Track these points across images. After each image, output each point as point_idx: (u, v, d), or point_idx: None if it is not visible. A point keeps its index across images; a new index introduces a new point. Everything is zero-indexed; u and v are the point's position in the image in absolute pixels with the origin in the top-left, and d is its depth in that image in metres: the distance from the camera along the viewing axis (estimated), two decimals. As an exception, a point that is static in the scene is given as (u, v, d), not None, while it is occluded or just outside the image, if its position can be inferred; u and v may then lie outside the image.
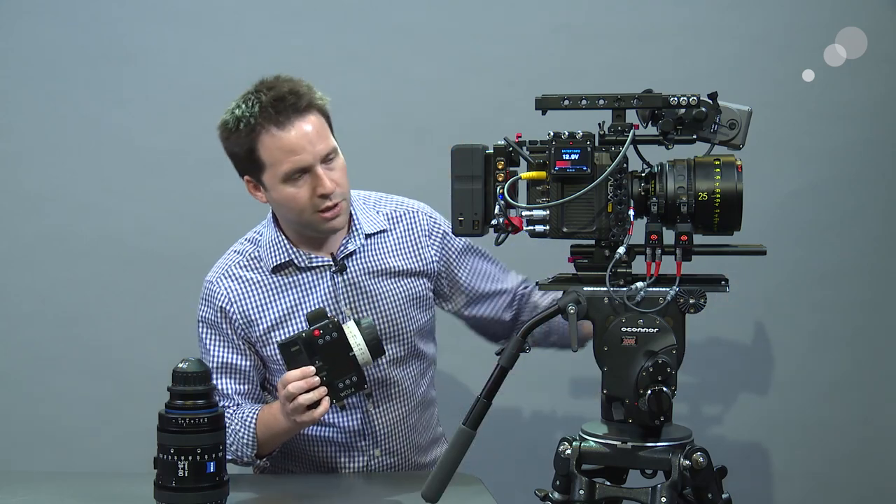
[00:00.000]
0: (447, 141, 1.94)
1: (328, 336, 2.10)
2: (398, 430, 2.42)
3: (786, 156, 3.07)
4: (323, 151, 2.24)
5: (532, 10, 3.10)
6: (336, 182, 2.25)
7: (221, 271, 2.39)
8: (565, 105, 1.85)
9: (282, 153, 2.22)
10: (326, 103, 2.30)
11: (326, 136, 2.26)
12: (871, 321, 3.10)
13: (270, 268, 2.35)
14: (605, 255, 1.85)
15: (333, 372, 2.11)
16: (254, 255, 2.38)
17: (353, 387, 2.12)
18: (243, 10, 3.12)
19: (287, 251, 2.34)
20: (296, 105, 2.23)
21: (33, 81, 3.13)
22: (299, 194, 2.24)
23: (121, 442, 3.09)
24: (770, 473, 3.14)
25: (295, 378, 2.09)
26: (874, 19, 3.04)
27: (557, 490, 1.87)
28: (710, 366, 3.09)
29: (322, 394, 2.10)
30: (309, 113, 2.24)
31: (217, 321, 2.36)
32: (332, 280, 2.35)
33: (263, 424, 2.27)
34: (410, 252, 2.42)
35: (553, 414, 3.14)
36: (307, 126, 2.23)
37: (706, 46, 3.06)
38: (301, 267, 2.34)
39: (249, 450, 2.28)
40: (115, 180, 3.14)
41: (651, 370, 1.76)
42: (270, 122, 2.22)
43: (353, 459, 2.40)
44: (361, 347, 2.12)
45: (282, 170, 2.23)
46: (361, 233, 2.37)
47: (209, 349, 2.37)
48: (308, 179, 2.24)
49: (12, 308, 3.15)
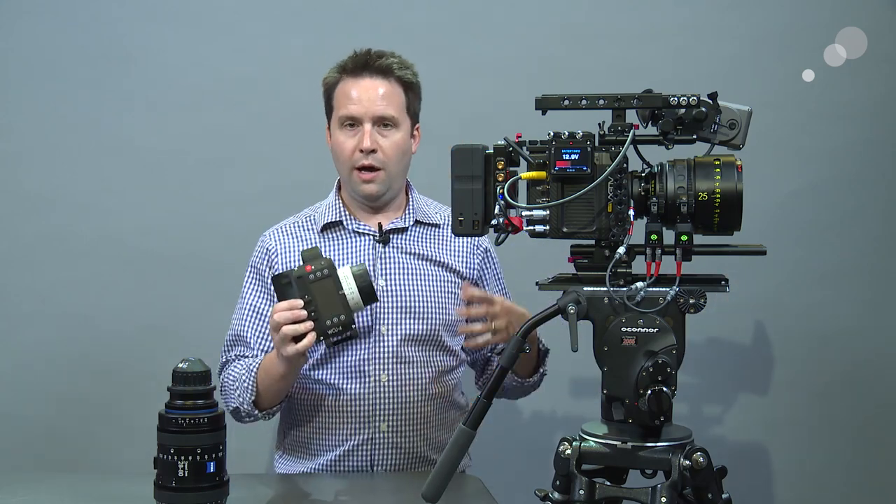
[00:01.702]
0: (447, 141, 1.94)
1: (319, 272, 2.15)
2: (409, 411, 2.41)
3: (786, 156, 3.07)
4: (378, 112, 2.39)
5: (532, 10, 3.10)
6: (380, 147, 2.39)
7: (277, 226, 2.53)
8: (565, 105, 1.85)
9: (344, 98, 2.41)
10: (416, 84, 2.46)
11: (392, 104, 2.41)
12: (871, 321, 3.10)
13: (320, 227, 2.47)
14: (605, 255, 1.85)
15: (322, 308, 2.14)
16: (311, 217, 2.53)
17: (341, 325, 2.15)
18: (243, 10, 3.13)
19: (340, 212, 2.48)
20: (374, 65, 2.40)
21: (33, 81, 3.13)
22: (345, 144, 2.41)
23: (121, 442, 3.09)
24: (770, 473, 3.14)
25: (282, 308, 2.15)
26: (874, 19, 3.04)
27: (557, 490, 1.87)
28: (710, 366, 3.10)
29: (308, 328, 2.15)
30: (384, 77, 2.41)
31: (261, 267, 2.48)
32: (374, 248, 2.43)
33: (264, 369, 2.32)
34: (456, 252, 2.51)
35: (553, 414, 3.14)
36: (374, 85, 2.40)
37: (706, 46, 3.06)
38: (349, 230, 2.46)
39: (249, 395, 2.33)
40: (115, 180, 3.14)
41: (651, 370, 1.76)
42: (347, 72, 2.43)
43: (358, 431, 2.40)
44: (352, 289, 2.15)
45: (339, 114, 2.42)
46: (413, 216, 2.49)
47: (244, 292, 2.49)
48: (357, 134, 2.39)
49: (12, 308, 3.15)
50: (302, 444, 2.46)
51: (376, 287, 2.31)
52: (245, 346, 2.45)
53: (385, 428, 2.40)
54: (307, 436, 2.45)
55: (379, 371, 2.40)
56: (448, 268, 2.49)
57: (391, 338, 2.40)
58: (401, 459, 2.42)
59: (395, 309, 2.41)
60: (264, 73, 3.12)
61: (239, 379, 2.36)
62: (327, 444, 2.42)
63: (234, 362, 2.45)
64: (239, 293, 2.51)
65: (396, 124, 2.41)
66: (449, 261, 2.49)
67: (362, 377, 2.40)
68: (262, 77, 3.12)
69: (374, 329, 2.39)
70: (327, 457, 2.42)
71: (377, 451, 2.41)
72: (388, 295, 2.41)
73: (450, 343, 2.49)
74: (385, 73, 2.41)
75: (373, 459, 2.41)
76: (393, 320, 2.41)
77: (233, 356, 2.47)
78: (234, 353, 2.47)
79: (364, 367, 2.39)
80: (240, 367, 2.40)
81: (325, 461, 2.42)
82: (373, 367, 2.40)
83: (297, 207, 2.60)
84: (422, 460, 2.44)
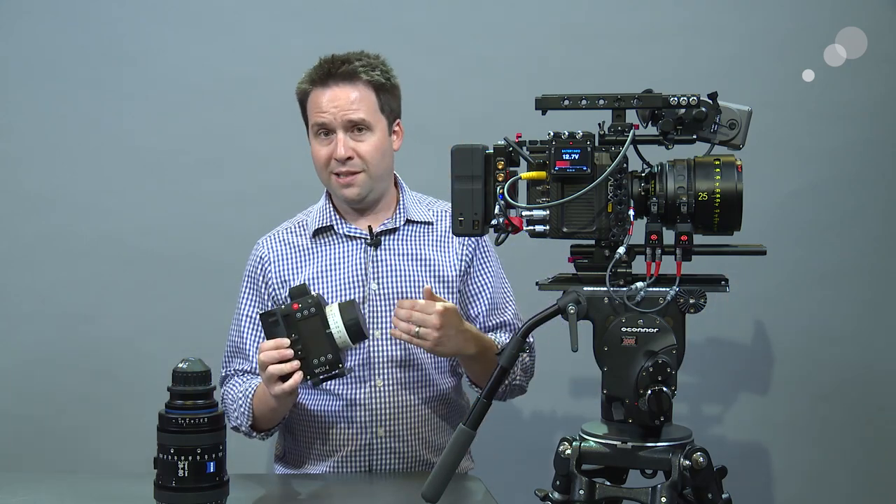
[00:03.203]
0: (447, 141, 1.94)
1: (306, 311, 2.13)
2: (406, 414, 2.41)
3: (786, 156, 3.07)
4: (349, 118, 2.37)
5: (532, 10, 3.10)
6: (356, 152, 2.38)
7: (270, 234, 2.53)
8: (565, 105, 1.85)
9: (314, 108, 2.41)
10: (386, 83, 2.42)
11: (361, 107, 2.38)
12: (871, 321, 3.10)
13: (312, 231, 2.47)
14: (605, 255, 1.85)
15: (309, 347, 2.12)
16: (303, 222, 2.52)
17: (328, 365, 2.12)
18: (243, 10, 3.13)
19: (330, 217, 2.47)
20: (338, 71, 2.39)
21: (33, 81, 3.13)
22: (320, 152, 2.41)
23: (121, 442, 3.09)
24: (770, 473, 3.14)
25: (268, 348, 2.14)
26: (874, 19, 3.04)
27: (557, 490, 1.87)
28: (710, 366, 3.10)
29: (294, 367, 2.12)
30: (351, 82, 2.39)
31: (256, 275, 2.48)
32: (365, 252, 2.43)
33: (258, 398, 2.32)
34: (447, 248, 2.48)
35: (553, 414, 3.14)
36: (341, 91, 2.38)
37: (706, 46, 3.06)
38: (340, 234, 2.46)
39: (246, 419, 2.33)
40: (115, 180, 3.14)
41: (651, 370, 1.76)
42: (315, 82, 2.42)
43: (356, 437, 2.40)
44: (339, 328, 2.13)
45: (311, 123, 2.43)
46: (404, 216, 2.47)
47: (241, 302, 2.50)
48: (332, 142, 2.39)
49: (12, 308, 3.15)
50: (300, 452, 2.46)
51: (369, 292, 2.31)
52: (244, 358, 2.44)
53: (382, 433, 2.40)
54: (305, 443, 2.44)
55: (374, 376, 2.39)
56: (442, 265, 2.45)
57: (385, 342, 2.39)
58: (399, 464, 2.41)
59: (389, 312, 2.39)
60: (264, 73, 3.12)
61: (236, 401, 2.36)
62: (325, 451, 2.42)
63: (234, 378, 2.45)
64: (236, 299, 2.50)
65: (370, 127, 2.39)
66: (442, 258, 2.46)
67: (358, 382, 2.39)
68: (262, 77, 3.12)
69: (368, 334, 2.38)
70: (326, 463, 2.42)
71: (375, 456, 2.40)
72: (382, 298, 2.40)
73: None
74: (351, 77, 2.38)
75: (371, 464, 2.40)
76: (387, 324, 2.39)
77: (232, 370, 2.46)
78: (234, 366, 2.46)
79: (360, 372, 2.38)
80: (238, 387, 2.39)
81: (324, 468, 2.42)
82: (368, 371, 2.39)
83: (296, 207, 2.59)
84: (420, 464, 2.43)
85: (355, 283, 2.40)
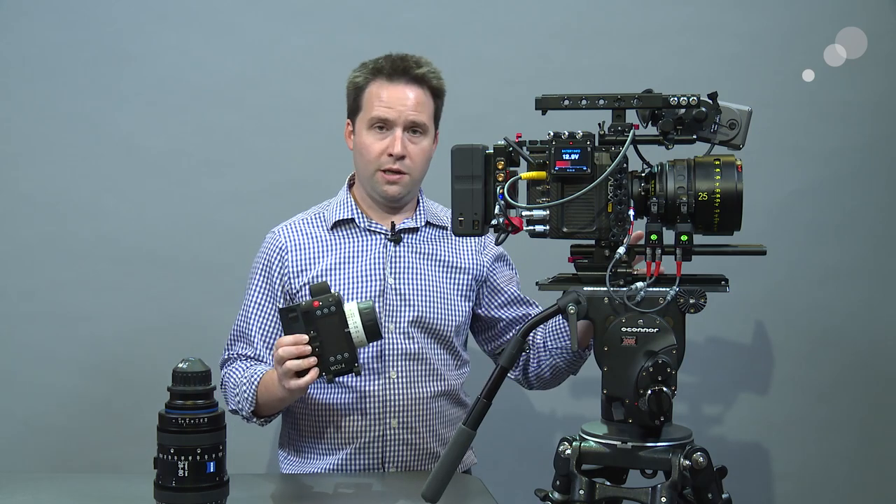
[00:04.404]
0: (447, 141, 1.94)
1: (326, 309, 2.14)
2: (419, 406, 2.43)
3: (786, 156, 3.07)
4: (411, 118, 2.42)
5: (532, 10, 3.10)
6: (409, 153, 2.42)
7: (286, 223, 2.54)
8: (565, 105, 1.85)
9: (377, 100, 2.43)
10: (442, 92, 2.50)
11: (424, 111, 2.44)
12: (871, 321, 3.10)
13: (331, 224, 2.48)
14: (605, 255, 1.85)
15: (327, 345, 2.14)
16: (320, 215, 2.54)
17: (344, 363, 2.14)
18: (243, 10, 3.12)
19: (352, 210, 2.50)
20: (412, 73, 2.44)
21: (33, 81, 3.13)
22: (374, 145, 2.42)
23: (121, 442, 3.09)
24: (770, 473, 3.14)
25: (287, 343, 2.15)
26: (874, 19, 3.04)
27: (557, 490, 1.87)
28: (710, 366, 3.10)
29: (311, 363, 2.14)
30: (419, 85, 2.44)
31: (270, 263, 2.49)
32: (385, 248, 2.45)
33: (265, 386, 2.33)
34: (465, 253, 2.53)
35: (553, 414, 3.14)
36: (410, 92, 2.43)
37: (706, 46, 3.06)
38: (360, 227, 2.48)
39: (248, 405, 2.35)
40: (115, 180, 3.14)
41: (651, 370, 1.76)
42: (383, 75, 2.44)
43: (369, 428, 2.41)
44: (357, 327, 2.14)
45: (370, 115, 2.43)
46: (424, 218, 2.51)
47: (251, 289, 2.50)
48: (387, 137, 2.41)
49: (12, 308, 3.15)
50: (311, 444, 2.47)
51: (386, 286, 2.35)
52: (248, 343, 2.46)
53: (395, 424, 2.41)
54: (316, 434, 2.46)
55: (389, 368, 2.41)
56: (459, 269, 2.50)
57: (400, 336, 2.42)
58: (411, 456, 2.43)
59: (404, 308, 2.43)
60: (264, 73, 3.12)
61: (239, 385, 2.37)
62: (338, 442, 2.43)
63: (236, 362, 2.46)
64: (244, 292, 2.52)
65: (426, 131, 2.45)
66: (460, 262, 2.51)
67: (372, 374, 2.41)
68: (263, 77, 3.12)
69: (383, 327, 2.40)
70: (338, 455, 2.43)
71: (388, 447, 2.42)
72: (398, 294, 2.43)
73: (457, 343, 2.51)
74: (420, 81, 2.44)
75: (384, 456, 2.42)
76: (401, 319, 2.42)
77: (234, 354, 2.48)
78: (236, 350, 2.48)
79: (373, 364, 2.41)
80: (241, 371, 2.41)
81: (336, 459, 2.43)
82: (382, 364, 2.41)
83: (297, 207, 2.60)
84: (432, 457, 2.45)
85: (373, 277, 2.43)
